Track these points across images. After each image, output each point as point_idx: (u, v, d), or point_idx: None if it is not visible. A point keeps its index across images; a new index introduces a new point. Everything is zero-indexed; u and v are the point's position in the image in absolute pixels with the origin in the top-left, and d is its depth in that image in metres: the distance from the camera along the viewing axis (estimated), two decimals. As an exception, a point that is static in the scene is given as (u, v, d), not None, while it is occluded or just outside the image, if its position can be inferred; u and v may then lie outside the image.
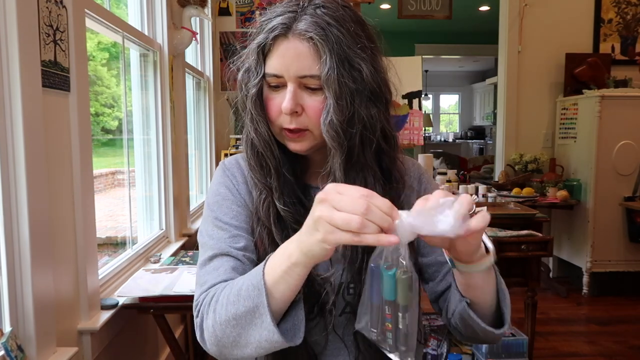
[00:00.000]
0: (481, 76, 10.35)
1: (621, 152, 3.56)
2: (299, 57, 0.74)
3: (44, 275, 1.23)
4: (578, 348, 2.87)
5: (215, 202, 0.86)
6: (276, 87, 0.78)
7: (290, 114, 0.76)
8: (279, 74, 0.76)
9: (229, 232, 0.82)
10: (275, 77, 0.77)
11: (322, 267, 0.80)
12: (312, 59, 0.74)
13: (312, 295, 0.78)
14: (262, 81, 0.78)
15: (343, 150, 0.76)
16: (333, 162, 0.78)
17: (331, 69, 0.73)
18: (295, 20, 0.75)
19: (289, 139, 0.80)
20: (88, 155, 1.49)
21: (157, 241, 2.28)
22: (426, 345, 2.08)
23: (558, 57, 3.94)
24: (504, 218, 2.39)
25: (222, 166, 0.91)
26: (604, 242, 3.61)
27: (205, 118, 3.53)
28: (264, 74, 0.78)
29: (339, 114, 0.74)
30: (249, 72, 0.80)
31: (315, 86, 0.75)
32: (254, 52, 0.78)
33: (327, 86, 0.74)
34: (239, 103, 0.83)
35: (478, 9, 6.29)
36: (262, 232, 0.81)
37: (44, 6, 1.25)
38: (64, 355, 1.27)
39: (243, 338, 0.69)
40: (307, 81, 0.75)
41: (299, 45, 0.74)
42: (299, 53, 0.74)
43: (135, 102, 2.27)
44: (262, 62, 0.78)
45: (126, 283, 1.76)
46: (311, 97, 0.76)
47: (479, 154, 10.15)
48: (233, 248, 0.80)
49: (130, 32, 1.99)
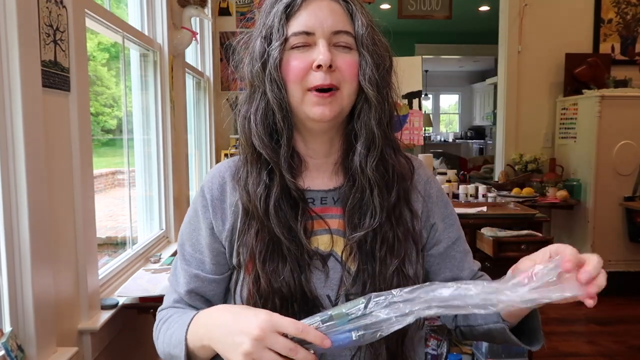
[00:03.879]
0: (481, 76, 10.34)
1: (621, 152, 3.56)
2: (333, 13, 0.76)
3: (44, 275, 1.23)
4: (578, 348, 2.87)
5: (184, 224, 0.90)
6: (300, 47, 0.76)
7: (327, 68, 0.74)
8: (311, 30, 0.75)
9: (187, 269, 0.86)
10: (305, 34, 0.75)
11: (319, 281, 0.78)
12: (345, 17, 0.77)
13: (304, 306, 0.76)
14: (284, 43, 0.76)
15: (382, 105, 0.78)
16: (369, 118, 0.78)
17: (366, 27, 0.76)
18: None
19: (316, 102, 0.75)
20: (88, 155, 1.49)
21: (157, 241, 2.28)
22: (426, 345, 2.08)
23: (558, 57, 3.94)
24: (504, 218, 2.39)
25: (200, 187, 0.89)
26: (604, 242, 3.61)
27: (205, 118, 3.53)
28: (288, 34, 0.75)
29: (376, 71, 0.77)
30: (268, 37, 0.77)
31: (346, 44, 0.77)
32: (277, 14, 0.76)
33: (362, 44, 0.76)
34: (254, 75, 0.79)
35: (478, 9, 6.28)
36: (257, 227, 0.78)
37: (44, 6, 1.25)
38: (64, 355, 1.27)
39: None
40: (339, 38, 0.76)
41: (332, 3, 0.77)
42: (332, 9, 0.76)
43: (135, 102, 2.27)
44: (285, 24, 0.76)
45: (126, 283, 1.76)
46: (343, 54, 0.76)
47: (479, 154, 10.15)
48: (183, 291, 0.85)
49: (130, 32, 1.99)
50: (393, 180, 0.80)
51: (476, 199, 2.70)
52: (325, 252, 0.79)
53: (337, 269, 0.78)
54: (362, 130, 0.78)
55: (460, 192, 2.72)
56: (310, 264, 0.77)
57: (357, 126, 0.79)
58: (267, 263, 0.76)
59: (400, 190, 0.81)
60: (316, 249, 0.79)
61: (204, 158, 3.54)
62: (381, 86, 0.78)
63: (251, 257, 0.78)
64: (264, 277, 0.75)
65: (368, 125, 0.78)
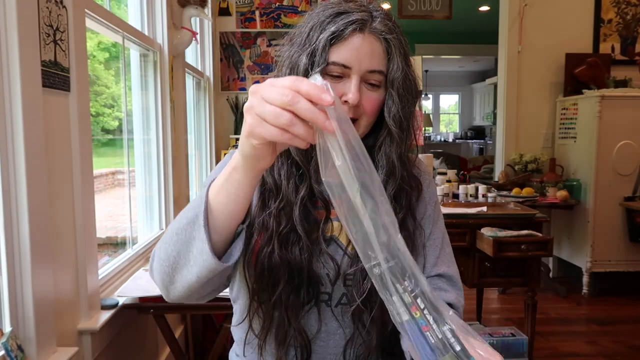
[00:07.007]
0: (481, 76, 10.34)
1: (621, 152, 3.56)
2: (372, 53, 0.80)
3: (44, 275, 1.23)
4: (578, 348, 2.87)
5: (216, 169, 0.87)
6: (336, 76, 0.80)
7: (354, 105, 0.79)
8: (348, 64, 0.79)
9: None
10: (343, 67, 0.79)
11: (322, 262, 0.82)
12: (382, 57, 0.81)
13: (308, 284, 0.81)
14: (323, 69, 0.79)
15: (404, 139, 0.84)
16: (391, 151, 0.84)
17: (399, 68, 0.81)
18: (372, 19, 0.81)
19: None
20: (88, 155, 1.49)
21: (157, 241, 2.28)
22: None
23: (558, 57, 3.94)
24: (504, 218, 2.39)
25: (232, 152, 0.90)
26: (604, 242, 3.61)
27: (205, 118, 3.53)
28: (328, 62, 0.79)
29: (400, 109, 0.82)
30: (310, 55, 0.80)
31: (376, 82, 0.81)
32: (322, 40, 0.79)
33: (392, 83, 0.81)
34: None
35: (478, 9, 6.28)
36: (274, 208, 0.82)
37: (44, 6, 1.25)
38: (64, 355, 1.27)
39: (182, 257, 0.69)
40: (372, 76, 0.81)
41: (374, 42, 0.80)
42: (373, 50, 0.80)
43: (135, 102, 2.27)
44: (328, 49, 0.79)
45: (126, 283, 1.76)
46: (370, 92, 0.81)
47: (479, 154, 10.15)
48: None
49: (130, 32, 1.99)
50: (403, 199, 0.87)
51: (476, 199, 2.70)
52: (333, 237, 0.85)
53: (339, 252, 0.84)
54: (382, 161, 0.84)
55: (460, 192, 2.72)
56: (321, 249, 0.82)
57: (378, 156, 0.85)
58: (282, 240, 0.80)
59: (409, 209, 0.87)
60: (331, 237, 0.84)
61: (204, 158, 3.54)
62: (404, 121, 0.84)
63: (264, 230, 0.82)
64: (277, 250, 0.79)
65: (390, 158, 0.84)
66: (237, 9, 3.79)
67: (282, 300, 0.80)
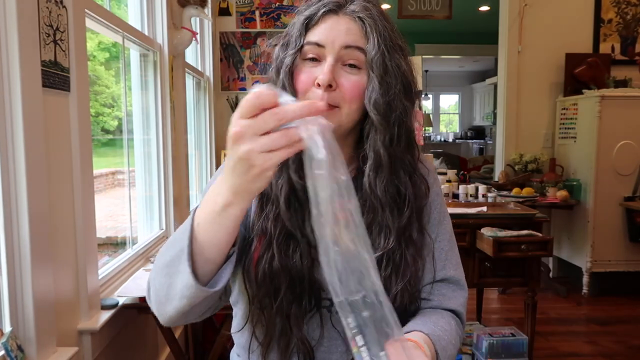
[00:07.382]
0: (481, 76, 10.34)
1: (621, 152, 3.56)
2: (348, 31, 0.77)
3: (44, 275, 1.23)
4: (578, 348, 2.87)
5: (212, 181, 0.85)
6: (312, 59, 0.78)
7: (326, 87, 0.74)
8: (322, 43, 0.76)
9: None
10: (317, 45, 0.77)
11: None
12: (360, 36, 0.77)
13: (310, 291, 0.79)
14: (299, 52, 0.78)
15: (388, 129, 0.77)
16: (375, 140, 0.78)
17: (378, 48, 0.75)
18: (347, 2, 0.78)
19: None
20: (88, 155, 1.49)
21: (157, 241, 2.28)
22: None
23: (558, 57, 3.94)
24: (504, 218, 2.39)
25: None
26: (604, 242, 3.61)
27: (205, 118, 3.53)
28: (303, 43, 0.77)
29: (383, 95, 0.76)
30: (287, 45, 0.79)
31: (355, 63, 0.77)
32: (298, 24, 0.78)
33: (373, 65, 0.76)
34: (270, 80, 0.81)
35: (478, 9, 6.28)
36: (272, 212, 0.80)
37: (44, 6, 1.25)
38: (64, 355, 1.27)
39: (172, 289, 0.68)
40: (350, 54, 0.76)
41: (349, 22, 0.77)
42: (349, 28, 0.77)
43: (135, 102, 2.26)
44: (304, 34, 0.78)
45: (126, 283, 1.76)
46: (348, 74, 0.77)
47: (479, 154, 10.15)
48: None
49: (130, 32, 1.99)
50: (405, 202, 0.81)
51: (476, 199, 2.70)
52: None
53: None
54: (370, 152, 0.79)
55: (460, 192, 2.72)
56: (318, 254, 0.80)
57: (366, 148, 0.80)
58: (282, 246, 0.78)
59: (413, 213, 0.82)
60: None
61: (204, 158, 3.54)
62: (388, 110, 0.77)
63: (263, 236, 0.80)
64: (277, 257, 0.77)
65: (375, 148, 0.78)
66: (237, 9, 3.79)
67: (284, 309, 0.78)
